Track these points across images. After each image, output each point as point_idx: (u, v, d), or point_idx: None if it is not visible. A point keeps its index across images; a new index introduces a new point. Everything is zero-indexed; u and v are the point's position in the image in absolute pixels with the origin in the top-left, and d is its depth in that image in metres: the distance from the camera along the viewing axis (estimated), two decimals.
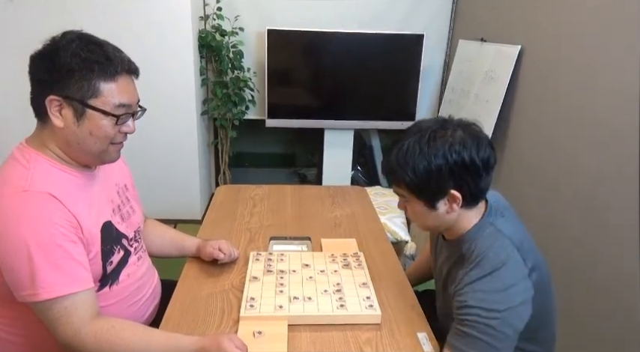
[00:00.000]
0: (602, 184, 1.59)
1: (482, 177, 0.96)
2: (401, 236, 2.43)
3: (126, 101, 0.96)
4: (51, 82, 0.91)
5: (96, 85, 0.92)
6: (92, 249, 0.97)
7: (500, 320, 0.91)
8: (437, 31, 3.02)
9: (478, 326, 0.92)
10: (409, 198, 1.00)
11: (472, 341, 0.93)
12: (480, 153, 0.94)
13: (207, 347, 0.90)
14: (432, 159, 0.93)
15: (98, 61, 0.91)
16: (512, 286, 0.93)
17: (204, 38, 2.77)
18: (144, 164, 2.74)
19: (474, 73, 2.53)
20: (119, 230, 1.08)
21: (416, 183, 0.95)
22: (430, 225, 1.04)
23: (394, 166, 0.97)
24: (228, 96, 2.90)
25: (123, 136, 1.00)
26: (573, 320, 1.66)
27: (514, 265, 0.95)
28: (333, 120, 3.02)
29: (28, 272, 0.86)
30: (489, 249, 0.97)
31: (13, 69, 2.44)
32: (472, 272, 0.96)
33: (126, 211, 1.14)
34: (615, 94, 1.55)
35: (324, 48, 2.93)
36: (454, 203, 0.97)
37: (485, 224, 1.00)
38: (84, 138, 0.94)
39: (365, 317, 1.07)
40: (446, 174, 0.93)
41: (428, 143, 0.94)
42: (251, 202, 1.72)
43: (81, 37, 0.93)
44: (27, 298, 0.88)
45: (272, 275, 1.21)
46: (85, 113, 0.92)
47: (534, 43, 2.08)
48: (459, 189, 0.95)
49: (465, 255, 1.00)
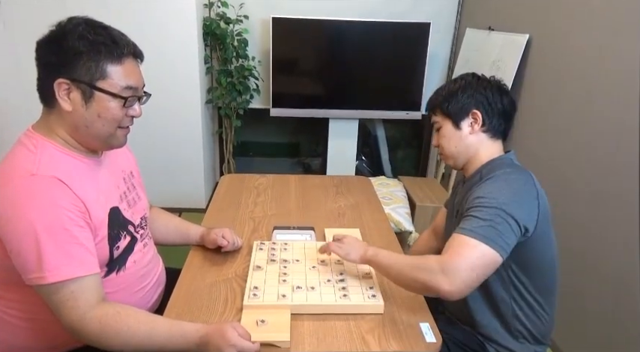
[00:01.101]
0: (609, 173, 1.58)
1: (499, 107, 1.15)
2: (405, 226, 2.43)
3: (133, 83, 0.97)
4: (59, 65, 0.92)
5: (103, 67, 0.93)
6: (99, 234, 0.98)
7: (502, 206, 1.00)
8: (444, 19, 2.98)
9: (482, 209, 1.02)
10: (441, 122, 1.19)
11: (476, 221, 1.01)
12: (503, 98, 1.16)
13: (210, 334, 0.91)
14: (464, 86, 1.17)
15: (105, 43, 0.93)
16: (519, 192, 1.05)
17: (208, 26, 2.75)
18: (148, 153, 2.74)
19: (481, 63, 2.50)
20: (125, 216, 1.08)
21: (447, 102, 1.17)
22: (454, 147, 1.18)
23: (435, 96, 1.22)
24: (233, 85, 2.88)
25: (130, 120, 1.01)
26: (577, 307, 1.66)
27: (526, 181, 1.08)
28: (337, 110, 3.01)
29: (35, 256, 0.87)
30: (506, 167, 1.12)
31: (16, 63, 2.46)
32: (487, 182, 1.08)
33: (132, 198, 1.14)
34: (625, 84, 1.53)
35: (329, 36, 2.90)
36: (475, 124, 1.15)
37: (506, 158, 1.16)
38: (92, 121, 0.95)
39: (368, 307, 1.07)
40: (472, 97, 1.15)
41: (465, 79, 1.19)
42: (255, 191, 1.72)
43: (87, 21, 0.95)
44: (34, 281, 0.88)
45: (275, 265, 1.21)
46: (93, 95, 0.93)
47: (543, 32, 2.05)
48: (478, 110, 1.15)
49: (483, 175, 1.12)
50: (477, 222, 1.00)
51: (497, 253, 0.97)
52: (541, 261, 1.11)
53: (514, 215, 1.00)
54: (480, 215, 1.01)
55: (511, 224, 1.00)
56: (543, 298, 1.13)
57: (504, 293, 1.12)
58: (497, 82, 1.19)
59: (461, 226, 1.02)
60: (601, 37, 1.65)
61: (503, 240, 0.98)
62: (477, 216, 1.01)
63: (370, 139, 3.48)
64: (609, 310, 1.56)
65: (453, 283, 0.95)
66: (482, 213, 1.01)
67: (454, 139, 1.18)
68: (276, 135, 3.79)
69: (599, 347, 1.61)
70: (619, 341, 1.52)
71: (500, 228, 0.98)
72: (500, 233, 0.98)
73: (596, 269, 1.63)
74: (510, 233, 0.99)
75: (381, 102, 3.01)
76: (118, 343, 0.91)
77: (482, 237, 0.97)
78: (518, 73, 2.17)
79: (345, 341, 0.98)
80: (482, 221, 0.99)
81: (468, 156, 1.18)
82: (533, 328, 1.14)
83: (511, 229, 1.00)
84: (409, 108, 2.97)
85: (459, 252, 0.97)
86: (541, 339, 1.16)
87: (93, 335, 0.90)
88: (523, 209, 1.02)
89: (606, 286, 1.58)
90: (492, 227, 0.98)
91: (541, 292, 1.13)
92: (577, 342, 1.72)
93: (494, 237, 0.97)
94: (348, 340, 0.99)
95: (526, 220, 1.02)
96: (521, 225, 1.01)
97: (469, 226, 1.00)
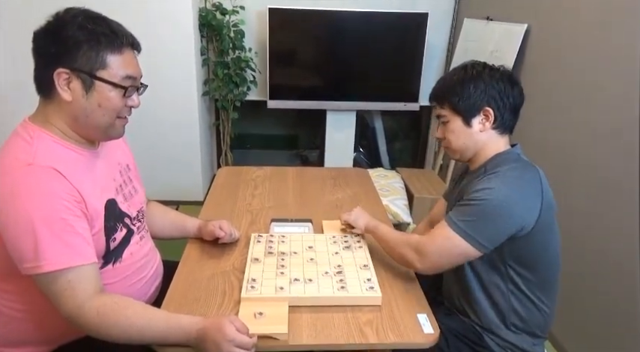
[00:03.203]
0: (607, 166, 1.58)
1: (510, 103, 1.12)
2: (402, 218, 2.44)
3: (132, 73, 0.97)
4: (58, 55, 0.91)
5: (103, 57, 0.93)
6: (96, 225, 0.98)
7: (495, 202, 1.02)
8: (442, 9, 2.96)
9: (474, 202, 1.04)
10: (449, 117, 1.15)
11: (463, 213, 1.06)
12: (511, 88, 1.12)
13: (208, 327, 0.91)
14: (477, 80, 1.11)
15: (104, 33, 0.93)
16: (520, 188, 1.05)
17: (204, 17, 2.72)
18: (145, 145, 2.73)
19: (479, 53, 2.49)
20: (122, 209, 1.08)
21: (459, 98, 1.12)
22: (462, 143, 1.15)
23: (443, 87, 1.16)
24: (230, 77, 2.86)
25: (128, 110, 1.02)
26: (576, 307, 1.67)
27: (531, 178, 1.07)
28: (335, 102, 2.99)
29: (31, 245, 0.87)
30: (512, 163, 1.11)
31: (12, 55, 2.43)
32: (489, 176, 1.08)
33: (128, 191, 1.14)
34: (623, 74, 1.52)
35: (326, 27, 2.88)
36: (487, 121, 1.12)
37: (512, 153, 1.14)
38: (92, 111, 0.95)
39: (365, 299, 1.07)
40: (485, 93, 1.11)
41: (474, 69, 1.13)
42: (252, 184, 1.71)
43: (85, 12, 0.95)
44: (30, 270, 0.88)
45: (273, 257, 1.21)
46: (93, 85, 0.93)
47: (541, 22, 2.03)
48: (491, 107, 1.11)
49: (487, 170, 1.12)
50: (464, 215, 1.06)
51: (472, 247, 1.05)
52: (542, 255, 1.11)
53: (508, 211, 1.02)
54: (469, 209, 1.06)
55: (501, 221, 1.03)
56: (543, 292, 1.13)
57: (502, 285, 1.13)
58: (508, 73, 1.15)
59: (450, 213, 1.10)
60: (599, 26, 1.64)
61: (484, 237, 1.04)
62: (465, 209, 1.07)
63: (368, 131, 3.47)
64: (609, 304, 1.56)
65: (423, 263, 1.10)
66: (472, 208, 1.05)
67: (463, 135, 1.14)
68: (274, 128, 3.77)
69: (598, 341, 1.62)
70: (618, 335, 1.52)
71: (484, 224, 1.04)
72: (482, 229, 1.03)
73: (596, 263, 1.63)
74: (497, 229, 1.03)
75: (378, 93, 3.00)
76: (117, 332, 0.91)
77: (461, 231, 1.05)
78: (517, 63, 2.15)
79: (343, 333, 0.98)
80: (468, 215, 1.05)
81: (475, 150, 1.16)
82: (532, 321, 1.14)
83: (499, 226, 1.03)
84: (407, 100, 2.96)
85: (435, 238, 1.09)
86: (539, 332, 1.17)
87: (92, 324, 0.90)
88: (520, 206, 1.03)
89: (606, 280, 1.58)
90: (476, 222, 1.04)
91: (541, 286, 1.13)
92: (575, 336, 1.73)
93: (473, 233, 1.04)
94: (346, 332, 0.99)
95: (523, 217, 1.03)
96: (516, 222, 1.03)
97: (455, 217, 1.07)
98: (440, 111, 1.18)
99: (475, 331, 1.17)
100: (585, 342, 1.68)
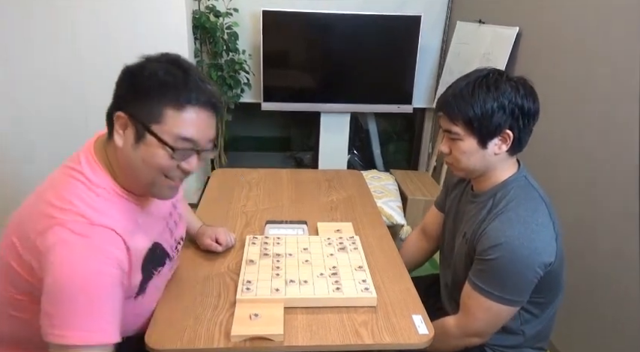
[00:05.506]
0: (601, 167, 1.59)
1: (531, 124, 1.03)
2: (397, 219, 2.44)
3: (191, 135, 0.87)
4: (125, 99, 0.88)
5: (162, 111, 0.85)
6: (132, 284, 0.92)
7: (521, 258, 0.97)
8: (434, 12, 2.98)
9: (498, 261, 0.98)
10: (462, 135, 1.02)
11: (491, 276, 1.00)
12: (535, 104, 1.02)
13: None
14: (499, 97, 0.98)
15: (176, 85, 0.86)
16: (536, 231, 0.98)
17: (198, 19, 2.72)
18: None
19: (471, 55, 2.51)
20: (165, 249, 1.04)
21: (478, 119, 0.99)
22: (472, 165, 1.06)
23: (458, 100, 1.00)
24: (224, 79, 2.86)
25: (181, 173, 0.91)
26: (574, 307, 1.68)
27: (541, 215, 1.01)
28: (329, 104, 3.00)
29: (65, 312, 0.79)
30: (519, 191, 1.04)
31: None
32: (500, 218, 1.01)
33: (174, 221, 1.09)
34: (615, 77, 1.54)
35: (320, 30, 2.89)
36: (504, 144, 1.02)
37: (519, 178, 1.07)
38: (136, 164, 0.88)
39: (361, 300, 1.08)
40: (507, 114, 0.99)
41: (495, 83, 0.99)
42: (247, 186, 1.71)
43: (170, 59, 0.89)
44: (53, 338, 0.79)
45: (268, 259, 1.21)
46: (144, 137, 0.86)
47: (532, 25, 2.05)
48: (512, 131, 1.01)
49: (496, 202, 1.05)
50: (492, 277, 1.01)
51: (512, 308, 1.03)
52: (554, 279, 1.07)
53: (534, 262, 0.98)
54: (495, 269, 1.00)
55: (528, 272, 0.99)
56: (545, 300, 1.10)
57: None
58: (529, 87, 1.02)
59: (475, 280, 1.04)
60: (591, 29, 1.66)
61: (519, 293, 1.01)
62: (489, 273, 1.01)
63: (362, 133, 3.48)
64: (608, 311, 1.55)
65: (483, 338, 1.09)
66: (495, 271, 1.00)
67: (475, 157, 1.03)
68: (268, 130, 3.77)
69: (598, 349, 1.61)
70: (618, 342, 1.51)
71: (515, 281, 1.00)
72: (514, 287, 1.00)
73: (594, 269, 1.63)
74: (528, 281, 1.00)
75: (372, 95, 3.01)
76: None
77: (497, 297, 1.01)
78: (508, 66, 2.17)
79: (338, 334, 0.99)
80: (497, 276, 1.01)
81: (483, 172, 1.07)
82: (531, 329, 1.12)
83: (529, 278, 1.00)
84: (400, 102, 2.97)
85: (477, 315, 1.05)
86: (539, 341, 1.15)
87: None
88: (541, 251, 0.98)
89: (606, 286, 1.57)
90: (506, 283, 1.00)
91: (543, 295, 1.10)
92: (575, 344, 1.71)
93: (509, 294, 1.01)
94: (341, 333, 0.99)
95: (547, 259, 0.99)
96: (541, 266, 0.99)
97: (483, 283, 1.02)
98: (450, 126, 1.03)
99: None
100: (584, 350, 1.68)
